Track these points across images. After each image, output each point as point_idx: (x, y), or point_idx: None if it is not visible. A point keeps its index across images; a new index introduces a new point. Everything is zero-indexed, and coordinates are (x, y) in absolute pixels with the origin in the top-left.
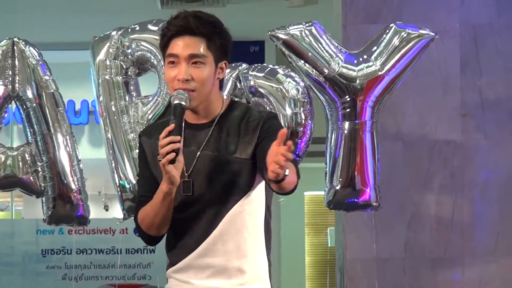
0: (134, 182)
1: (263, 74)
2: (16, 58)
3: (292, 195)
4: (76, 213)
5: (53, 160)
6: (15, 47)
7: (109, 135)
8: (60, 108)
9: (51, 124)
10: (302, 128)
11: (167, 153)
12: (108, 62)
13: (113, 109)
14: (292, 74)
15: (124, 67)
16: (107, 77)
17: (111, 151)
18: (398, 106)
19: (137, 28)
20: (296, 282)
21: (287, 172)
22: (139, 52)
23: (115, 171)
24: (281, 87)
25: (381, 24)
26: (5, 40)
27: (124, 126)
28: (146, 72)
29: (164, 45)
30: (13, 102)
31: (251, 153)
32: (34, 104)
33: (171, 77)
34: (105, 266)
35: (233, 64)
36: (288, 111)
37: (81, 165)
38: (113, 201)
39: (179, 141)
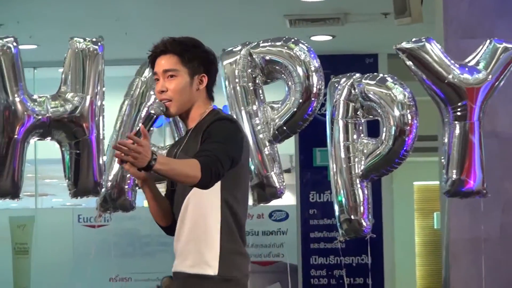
0: (264, 174)
1: (375, 81)
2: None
3: (403, 185)
4: None
5: None
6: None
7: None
8: None
9: None
10: (409, 127)
11: (119, 156)
12: (237, 72)
13: (244, 112)
14: (399, 81)
15: (253, 76)
16: (237, 85)
17: None
18: (493, 108)
19: (266, 42)
20: (408, 259)
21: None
22: (268, 64)
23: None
24: (390, 92)
25: (478, 39)
26: None
27: (254, 128)
28: (273, 80)
29: (151, 67)
30: None
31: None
32: None
33: (156, 91)
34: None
35: (348, 74)
36: (396, 113)
37: None
38: None
39: (125, 144)
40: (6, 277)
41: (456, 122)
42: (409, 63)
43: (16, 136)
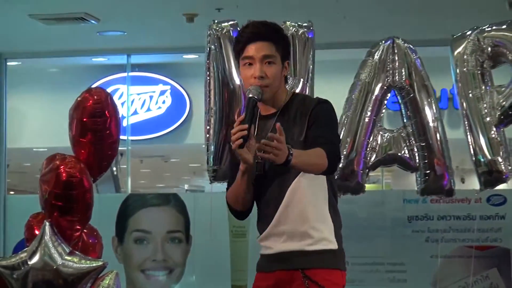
0: (489, 157)
1: None
2: (396, 54)
3: None
4: (443, 185)
5: (425, 142)
6: (395, 45)
7: (470, 119)
8: (431, 98)
9: (421, 111)
10: None
11: (237, 140)
12: (465, 57)
13: (471, 96)
14: None
15: (480, 60)
16: (465, 69)
17: (469, 133)
18: None
19: (492, 27)
20: None
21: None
22: (495, 48)
23: (473, 149)
24: None
25: None
26: (387, 39)
27: (481, 111)
28: (500, 64)
29: (239, 50)
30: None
31: (303, 135)
32: (412, 94)
33: (247, 76)
34: (462, 230)
35: None
36: None
37: (447, 144)
38: (468, 174)
39: (246, 129)
40: (224, 260)
41: None
42: None
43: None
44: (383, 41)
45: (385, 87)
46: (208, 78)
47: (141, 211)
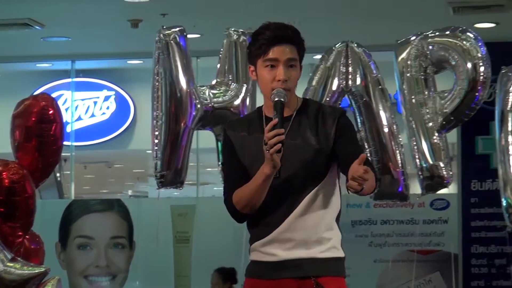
0: (431, 162)
1: None
2: (350, 58)
3: None
4: (397, 190)
5: (380, 146)
6: (348, 49)
7: (412, 124)
8: (387, 102)
9: (376, 115)
10: None
11: (274, 144)
12: (409, 62)
13: (414, 101)
14: None
15: (424, 66)
16: (408, 74)
17: (413, 138)
18: None
19: (436, 33)
20: None
21: (365, 185)
22: (438, 54)
23: (416, 154)
24: None
25: None
26: (339, 43)
27: (423, 117)
28: (443, 70)
29: (261, 51)
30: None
31: (330, 143)
32: (365, 98)
33: (269, 78)
34: (406, 235)
35: None
36: None
37: (402, 149)
38: (411, 178)
39: (283, 133)
40: (167, 266)
41: None
42: None
43: (185, 125)
44: (336, 46)
45: (337, 92)
46: (156, 83)
47: (84, 217)
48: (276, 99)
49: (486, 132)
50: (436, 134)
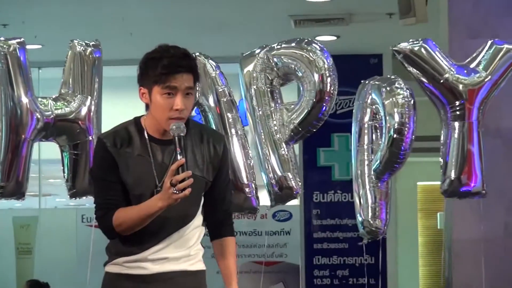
0: (280, 174)
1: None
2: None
3: (406, 185)
4: (251, 204)
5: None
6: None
7: (261, 136)
8: (235, 113)
9: (227, 126)
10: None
11: (185, 188)
12: (255, 75)
13: (260, 113)
14: (400, 84)
15: (270, 78)
16: (254, 87)
17: (261, 150)
18: (496, 107)
19: (282, 45)
20: (411, 260)
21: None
22: (284, 66)
23: (263, 166)
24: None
25: (483, 39)
26: None
27: (270, 129)
28: (290, 82)
29: (163, 79)
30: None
31: (212, 176)
32: (213, 110)
33: (166, 107)
34: (249, 246)
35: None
36: (397, 118)
37: (251, 162)
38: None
39: (191, 176)
40: (9, 277)
41: (454, 122)
42: (406, 64)
43: (24, 136)
44: None
45: None
46: None
47: None
48: (177, 134)
49: (328, 144)
50: (284, 145)
